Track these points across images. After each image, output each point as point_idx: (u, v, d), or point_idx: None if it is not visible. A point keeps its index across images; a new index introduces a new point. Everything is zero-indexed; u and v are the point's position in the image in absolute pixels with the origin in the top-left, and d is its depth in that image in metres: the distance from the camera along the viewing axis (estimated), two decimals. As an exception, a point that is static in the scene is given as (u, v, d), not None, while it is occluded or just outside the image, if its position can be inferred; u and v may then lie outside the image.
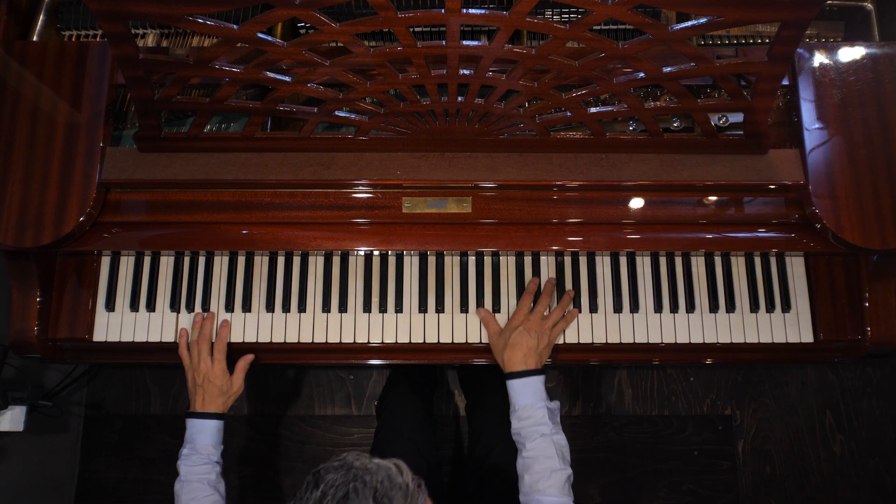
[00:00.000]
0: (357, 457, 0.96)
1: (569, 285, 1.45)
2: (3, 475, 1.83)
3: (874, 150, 1.30)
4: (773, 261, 1.46)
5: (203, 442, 1.30)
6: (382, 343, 1.43)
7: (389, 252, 1.45)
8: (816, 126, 1.31)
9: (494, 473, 1.44)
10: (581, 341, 1.42)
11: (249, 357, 1.40)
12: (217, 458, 1.31)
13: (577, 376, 2.26)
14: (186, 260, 1.46)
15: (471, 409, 1.74)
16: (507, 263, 1.46)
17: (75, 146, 1.31)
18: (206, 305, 1.44)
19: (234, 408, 2.26)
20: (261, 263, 1.46)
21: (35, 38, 1.43)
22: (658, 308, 1.44)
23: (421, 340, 1.43)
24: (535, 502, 1.20)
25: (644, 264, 1.46)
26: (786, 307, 1.43)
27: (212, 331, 1.40)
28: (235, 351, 1.44)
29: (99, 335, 1.43)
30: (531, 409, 1.27)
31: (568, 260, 1.46)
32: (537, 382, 1.30)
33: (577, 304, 1.44)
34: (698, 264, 1.46)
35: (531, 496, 1.22)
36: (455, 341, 1.42)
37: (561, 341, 1.42)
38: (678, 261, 1.46)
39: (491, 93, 1.22)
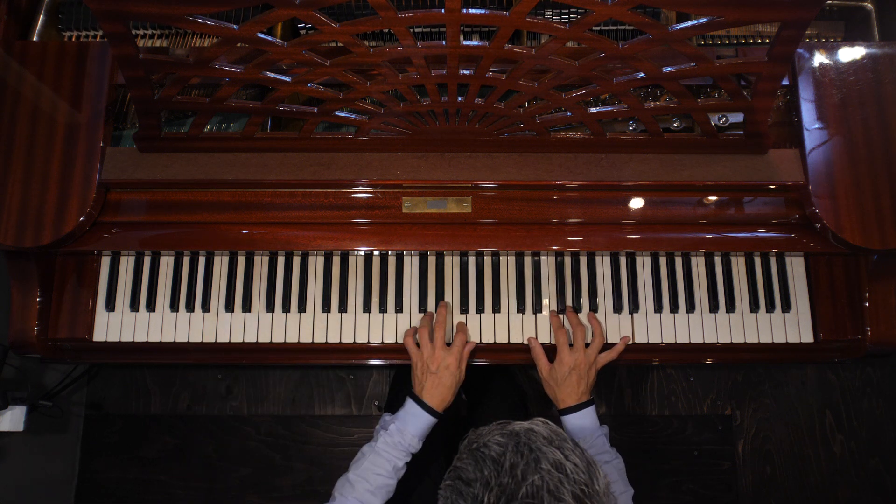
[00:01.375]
0: (501, 424, 0.97)
1: (569, 285, 1.45)
2: (3, 475, 1.83)
3: (874, 150, 1.30)
4: (773, 261, 1.46)
5: (412, 430, 1.28)
6: (382, 343, 1.43)
7: (389, 252, 1.45)
8: (816, 126, 1.31)
9: None
10: (581, 341, 1.42)
11: (471, 345, 1.37)
12: (414, 451, 1.29)
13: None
14: (186, 260, 1.46)
15: (471, 408, 1.74)
16: (507, 263, 1.46)
17: (75, 146, 1.31)
18: (206, 305, 1.44)
19: (234, 408, 2.27)
20: (261, 263, 1.46)
21: (35, 38, 1.43)
22: (658, 308, 1.44)
23: (421, 340, 1.43)
24: None
25: (644, 264, 1.46)
26: (786, 307, 1.43)
27: (446, 319, 1.39)
28: (237, 351, 1.45)
29: (99, 335, 1.43)
30: (591, 438, 1.30)
31: (568, 260, 1.46)
32: (591, 412, 1.33)
33: (577, 305, 1.44)
34: (698, 264, 1.46)
35: None
36: (455, 341, 1.42)
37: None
38: (678, 261, 1.46)
39: (491, 93, 1.22)
